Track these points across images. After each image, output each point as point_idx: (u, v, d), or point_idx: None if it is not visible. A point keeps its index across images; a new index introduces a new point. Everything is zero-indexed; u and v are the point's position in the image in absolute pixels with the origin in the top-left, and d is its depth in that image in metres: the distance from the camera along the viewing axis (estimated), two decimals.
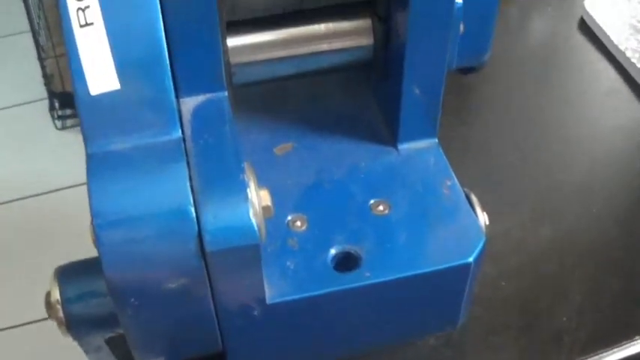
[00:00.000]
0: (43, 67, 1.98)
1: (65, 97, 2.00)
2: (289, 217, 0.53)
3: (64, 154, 1.97)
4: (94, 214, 0.42)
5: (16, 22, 2.13)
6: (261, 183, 0.54)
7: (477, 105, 0.81)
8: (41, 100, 2.09)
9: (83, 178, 0.43)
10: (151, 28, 0.43)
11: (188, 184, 0.43)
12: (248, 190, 0.43)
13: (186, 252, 0.43)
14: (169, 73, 0.44)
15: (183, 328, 0.48)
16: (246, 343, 0.50)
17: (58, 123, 2.06)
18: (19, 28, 2.15)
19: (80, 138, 0.44)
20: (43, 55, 1.97)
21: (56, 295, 0.51)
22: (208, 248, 0.42)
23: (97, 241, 0.42)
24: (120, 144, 0.44)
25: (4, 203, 1.90)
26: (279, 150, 0.57)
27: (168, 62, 0.44)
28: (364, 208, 0.53)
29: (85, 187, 0.43)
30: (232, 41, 0.53)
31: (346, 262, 0.51)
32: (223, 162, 0.45)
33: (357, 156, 0.57)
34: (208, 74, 0.49)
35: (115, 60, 0.43)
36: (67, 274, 0.52)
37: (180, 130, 0.45)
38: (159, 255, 0.43)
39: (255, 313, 0.48)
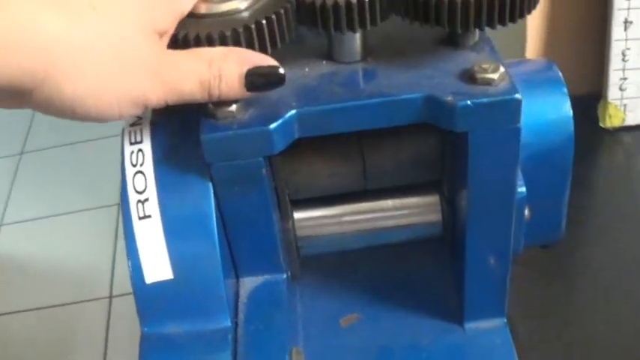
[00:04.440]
0: None
1: None
2: None
3: None
4: None
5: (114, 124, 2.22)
6: (323, 356, 0.54)
7: (567, 264, 0.78)
8: None
9: None
10: (205, 221, 0.46)
11: None
12: None
13: None
14: (220, 266, 0.46)
15: None
16: None
17: None
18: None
19: None
20: None
21: None
22: None
23: None
24: (172, 328, 0.46)
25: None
26: (345, 321, 0.58)
27: (219, 255, 0.46)
28: None
29: None
30: (299, 215, 0.54)
31: None
32: (269, 352, 0.46)
33: (422, 332, 0.56)
34: (265, 258, 0.50)
35: (169, 252, 0.45)
36: None
37: (229, 319, 0.47)
38: None
39: None
